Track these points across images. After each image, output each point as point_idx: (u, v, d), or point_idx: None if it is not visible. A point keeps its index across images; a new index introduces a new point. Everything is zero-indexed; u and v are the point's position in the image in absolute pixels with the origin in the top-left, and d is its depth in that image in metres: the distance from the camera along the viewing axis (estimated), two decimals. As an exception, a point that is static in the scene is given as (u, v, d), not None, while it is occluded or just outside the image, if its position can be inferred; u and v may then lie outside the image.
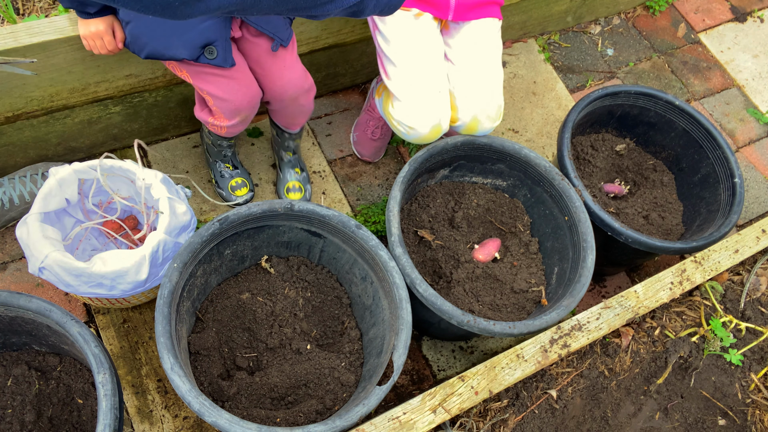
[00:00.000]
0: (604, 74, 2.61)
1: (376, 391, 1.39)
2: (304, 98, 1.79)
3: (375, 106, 2.10)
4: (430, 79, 1.72)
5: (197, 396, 1.29)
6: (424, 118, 1.72)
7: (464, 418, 1.43)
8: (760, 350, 1.67)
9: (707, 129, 2.03)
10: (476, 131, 1.83)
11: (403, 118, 1.74)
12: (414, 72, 1.71)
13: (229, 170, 1.99)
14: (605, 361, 1.58)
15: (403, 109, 1.74)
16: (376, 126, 2.12)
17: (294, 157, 2.04)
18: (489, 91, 1.78)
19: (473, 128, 1.82)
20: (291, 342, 1.62)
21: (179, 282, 1.44)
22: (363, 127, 2.15)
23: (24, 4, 2.14)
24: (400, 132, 1.79)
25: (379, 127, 2.12)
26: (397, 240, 1.59)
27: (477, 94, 1.77)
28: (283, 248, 1.72)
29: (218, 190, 2.01)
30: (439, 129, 1.75)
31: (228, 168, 1.99)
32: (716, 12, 2.89)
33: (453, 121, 1.81)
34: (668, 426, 1.56)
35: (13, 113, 1.72)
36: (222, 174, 1.99)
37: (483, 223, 1.90)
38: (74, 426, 1.48)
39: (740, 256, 1.72)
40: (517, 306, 1.76)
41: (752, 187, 2.46)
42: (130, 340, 1.77)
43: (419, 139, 1.77)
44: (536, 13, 2.48)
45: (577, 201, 1.75)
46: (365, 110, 2.16)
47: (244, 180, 2.01)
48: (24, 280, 1.81)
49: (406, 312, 1.50)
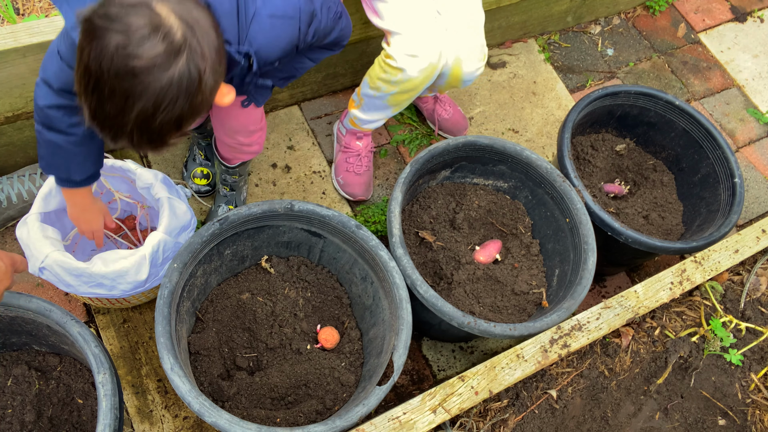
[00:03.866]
0: (604, 74, 2.61)
1: (376, 391, 1.39)
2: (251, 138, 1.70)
3: (347, 142, 2.06)
4: (425, 2, 1.68)
5: (197, 396, 1.29)
6: (429, 42, 1.66)
7: (464, 418, 1.44)
8: (760, 350, 1.67)
9: (707, 129, 2.03)
10: (461, 77, 1.80)
11: (407, 49, 1.66)
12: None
13: (201, 158, 2.01)
14: (605, 361, 1.58)
15: (405, 40, 1.66)
16: (356, 161, 2.07)
17: (231, 195, 1.94)
18: (471, 29, 1.75)
19: (457, 73, 1.78)
20: (291, 342, 1.62)
21: (179, 282, 1.44)
22: (344, 166, 2.08)
23: (24, 4, 2.14)
24: (397, 73, 1.70)
25: (360, 159, 2.07)
26: (398, 241, 1.59)
27: (459, 32, 1.74)
28: (283, 248, 1.72)
29: (183, 170, 2.03)
30: (440, 59, 1.70)
31: (200, 155, 2.01)
32: (716, 12, 2.89)
33: None
34: (668, 426, 1.56)
35: (13, 113, 1.72)
36: (195, 158, 2.02)
37: (484, 224, 1.90)
38: (74, 426, 1.48)
39: (740, 256, 1.72)
40: (517, 308, 1.76)
41: (752, 187, 2.46)
42: (130, 340, 1.77)
43: (421, 73, 1.69)
44: (536, 13, 2.48)
45: (578, 203, 1.75)
46: (340, 152, 2.10)
47: (209, 172, 2.01)
48: (24, 280, 1.81)
49: (407, 312, 1.50)
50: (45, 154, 1.37)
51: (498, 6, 2.28)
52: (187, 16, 1.04)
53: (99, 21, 1.01)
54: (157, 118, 1.05)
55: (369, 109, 1.89)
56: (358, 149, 2.06)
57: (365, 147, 2.07)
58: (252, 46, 1.25)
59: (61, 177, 1.43)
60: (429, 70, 1.71)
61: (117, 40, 1.00)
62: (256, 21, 1.23)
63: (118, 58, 1.00)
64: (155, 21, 1.01)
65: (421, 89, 1.77)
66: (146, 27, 1.00)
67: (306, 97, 2.26)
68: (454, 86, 1.89)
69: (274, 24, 1.26)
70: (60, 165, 1.39)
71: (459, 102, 2.38)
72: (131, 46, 1.00)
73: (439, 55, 1.70)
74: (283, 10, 1.26)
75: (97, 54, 1.01)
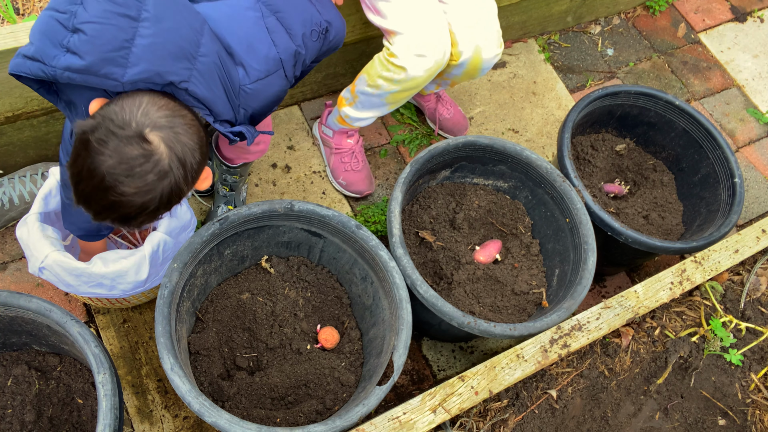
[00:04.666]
0: (604, 74, 2.61)
1: (376, 391, 1.39)
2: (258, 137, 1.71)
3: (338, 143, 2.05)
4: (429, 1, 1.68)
5: (197, 396, 1.29)
6: (436, 41, 1.66)
7: (464, 418, 1.43)
8: (760, 350, 1.67)
9: (707, 129, 2.03)
10: (479, 66, 1.80)
11: (414, 49, 1.65)
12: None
13: None
14: (605, 361, 1.58)
15: (409, 40, 1.65)
16: (352, 158, 2.07)
17: (230, 195, 1.95)
18: (486, 18, 1.76)
19: (476, 64, 1.78)
20: (291, 342, 1.62)
21: (179, 282, 1.44)
22: (341, 167, 2.08)
23: (24, 4, 2.14)
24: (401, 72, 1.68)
25: (354, 155, 2.07)
26: (399, 241, 1.59)
27: (476, 22, 1.74)
28: (283, 248, 1.72)
29: None
30: (445, 56, 1.70)
31: None
32: (716, 12, 2.89)
33: (454, 58, 1.77)
34: (668, 426, 1.56)
35: (13, 113, 1.72)
36: None
37: (484, 224, 1.90)
38: (74, 426, 1.48)
39: (740, 256, 1.72)
40: (517, 308, 1.76)
41: (752, 187, 2.46)
42: (130, 340, 1.77)
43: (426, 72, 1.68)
44: (536, 13, 2.48)
45: (578, 203, 1.75)
46: (332, 154, 2.09)
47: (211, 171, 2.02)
48: (24, 280, 1.81)
49: (407, 312, 1.50)
50: (75, 220, 1.48)
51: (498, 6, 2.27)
52: (175, 142, 1.12)
53: (95, 142, 1.07)
54: (138, 218, 1.15)
55: (364, 107, 1.88)
56: (350, 147, 2.06)
57: (356, 142, 2.07)
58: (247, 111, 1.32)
59: (90, 235, 1.53)
60: (434, 69, 1.71)
61: (109, 164, 1.08)
62: (243, 91, 1.29)
63: (110, 179, 1.08)
64: (147, 151, 1.08)
65: (421, 88, 1.77)
66: (138, 158, 1.08)
67: (306, 97, 2.26)
68: (472, 76, 1.88)
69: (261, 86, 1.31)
70: (92, 228, 1.50)
71: (459, 102, 2.38)
72: (121, 175, 1.08)
73: (443, 54, 1.70)
74: (265, 70, 1.31)
75: (89, 167, 1.08)
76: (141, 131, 1.09)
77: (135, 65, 1.12)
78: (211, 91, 1.22)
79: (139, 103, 1.11)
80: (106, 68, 1.10)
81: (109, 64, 1.10)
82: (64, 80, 1.12)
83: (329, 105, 2.12)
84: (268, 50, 1.31)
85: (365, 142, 2.23)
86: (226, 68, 1.25)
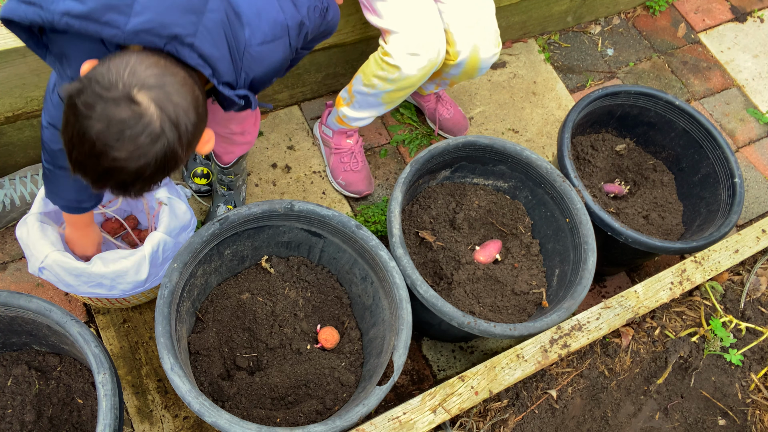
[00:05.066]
0: (604, 74, 2.61)
1: (376, 391, 1.39)
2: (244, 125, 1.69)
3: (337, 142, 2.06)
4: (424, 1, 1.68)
5: (197, 396, 1.29)
6: (430, 40, 1.66)
7: (464, 418, 1.44)
8: (760, 350, 1.67)
9: (707, 129, 2.03)
10: (477, 66, 1.80)
11: (408, 48, 1.66)
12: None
13: (200, 157, 2.02)
14: (605, 361, 1.58)
15: (404, 38, 1.66)
16: (351, 158, 2.07)
17: (229, 194, 1.95)
18: (484, 18, 1.76)
19: (474, 64, 1.78)
20: (291, 342, 1.62)
21: (179, 282, 1.44)
22: (341, 167, 2.08)
23: (24, 4, 2.14)
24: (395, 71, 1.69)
25: (354, 155, 2.07)
26: (399, 241, 1.59)
27: (474, 22, 1.74)
28: (283, 248, 1.72)
29: (183, 169, 2.03)
30: (438, 56, 1.70)
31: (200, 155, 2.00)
32: (716, 12, 2.89)
33: (451, 57, 1.77)
34: (668, 426, 1.56)
35: (13, 113, 1.72)
36: (195, 157, 2.03)
37: (484, 224, 1.90)
38: (74, 426, 1.48)
39: (740, 256, 1.72)
40: (517, 308, 1.76)
41: (752, 187, 2.46)
42: (130, 340, 1.77)
43: (420, 71, 1.69)
44: (536, 13, 2.48)
45: (578, 203, 1.75)
46: (332, 154, 2.09)
47: (208, 172, 2.01)
48: (24, 280, 1.81)
49: (407, 312, 1.50)
50: (55, 188, 1.42)
51: (498, 6, 2.27)
52: (166, 102, 1.05)
53: (81, 106, 1.02)
54: (135, 185, 1.10)
55: (361, 107, 1.89)
56: (349, 147, 2.06)
57: (356, 143, 2.07)
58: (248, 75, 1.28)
59: (71, 206, 1.47)
60: (428, 68, 1.71)
61: (98, 128, 1.01)
62: (248, 53, 1.24)
63: (100, 145, 1.02)
64: (136, 113, 1.02)
65: (416, 87, 1.77)
66: (127, 121, 1.02)
67: (306, 97, 2.26)
68: (470, 76, 1.89)
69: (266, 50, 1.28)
70: (71, 197, 1.44)
71: (459, 102, 2.38)
72: (112, 139, 1.02)
73: (437, 53, 1.70)
74: (272, 34, 1.27)
75: (79, 133, 1.03)
76: (128, 92, 1.02)
77: (139, 14, 1.05)
78: (218, 49, 1.16)
79: (126, 62, 1.04)
80: (108, 15, 1.04)
81: (111, 11, 1.04)
82: (61, 26, 1.05)
83: (329, 105, 2.12)
84: (276, 15, 1.27)
85: (365, 142, 2.23)
86: (233, 27, 1.19)
